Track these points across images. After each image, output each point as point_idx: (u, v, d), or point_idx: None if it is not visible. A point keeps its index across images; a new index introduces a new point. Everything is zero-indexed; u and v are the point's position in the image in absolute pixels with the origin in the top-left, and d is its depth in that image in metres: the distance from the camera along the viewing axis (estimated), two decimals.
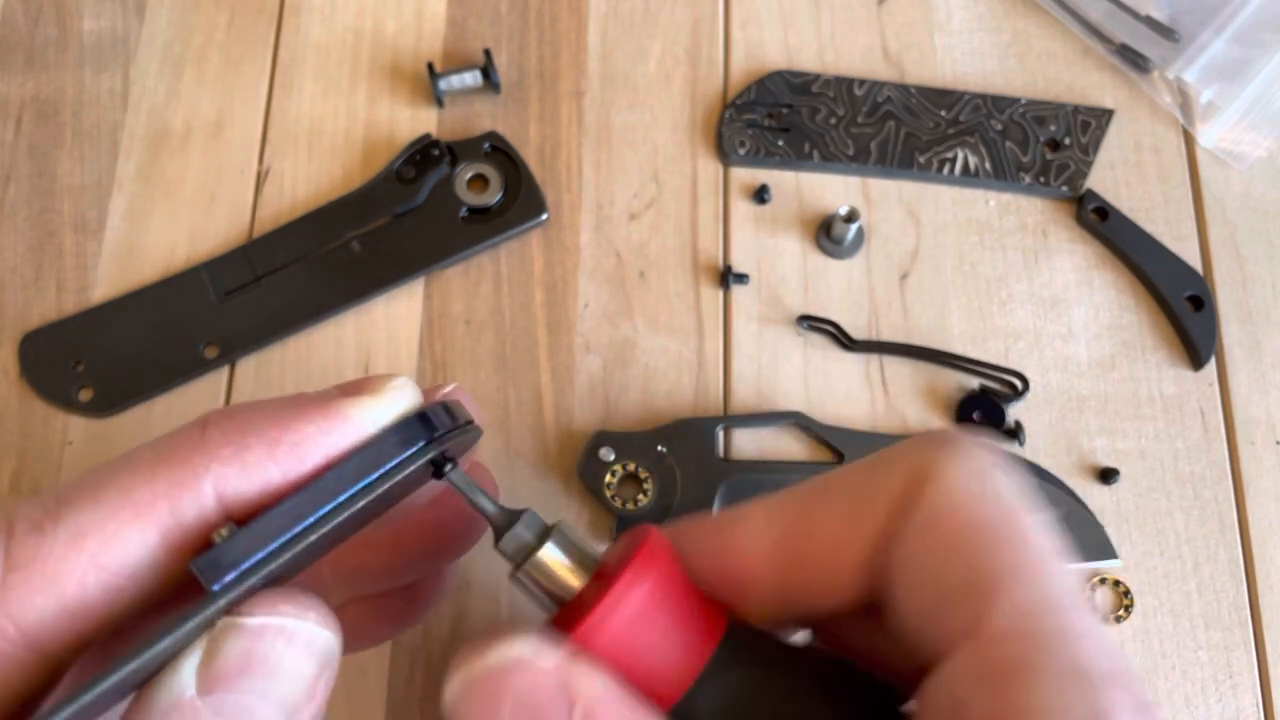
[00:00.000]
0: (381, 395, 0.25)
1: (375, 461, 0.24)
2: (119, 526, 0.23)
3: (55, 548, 0.22)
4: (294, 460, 0.24)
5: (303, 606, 0.23)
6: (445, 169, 0.47)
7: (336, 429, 0.24)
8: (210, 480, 0.23)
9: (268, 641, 0.22)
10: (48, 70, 0.50)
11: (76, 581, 0.22)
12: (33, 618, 0.22)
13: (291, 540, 0.22)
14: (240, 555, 0.22)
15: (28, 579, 0.22)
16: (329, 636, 0.24)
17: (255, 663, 0.22)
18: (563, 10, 0.51)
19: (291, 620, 0.23)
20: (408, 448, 0.24)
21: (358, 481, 0.23)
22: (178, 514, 0.23)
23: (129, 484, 0.23)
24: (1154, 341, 0.46)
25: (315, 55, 0.51)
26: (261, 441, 0.24)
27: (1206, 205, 0.48)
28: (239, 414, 0.24)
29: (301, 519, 0.23)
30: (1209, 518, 0.44)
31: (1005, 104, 0.49)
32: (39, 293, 0.46)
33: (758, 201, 0.48)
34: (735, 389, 0.45)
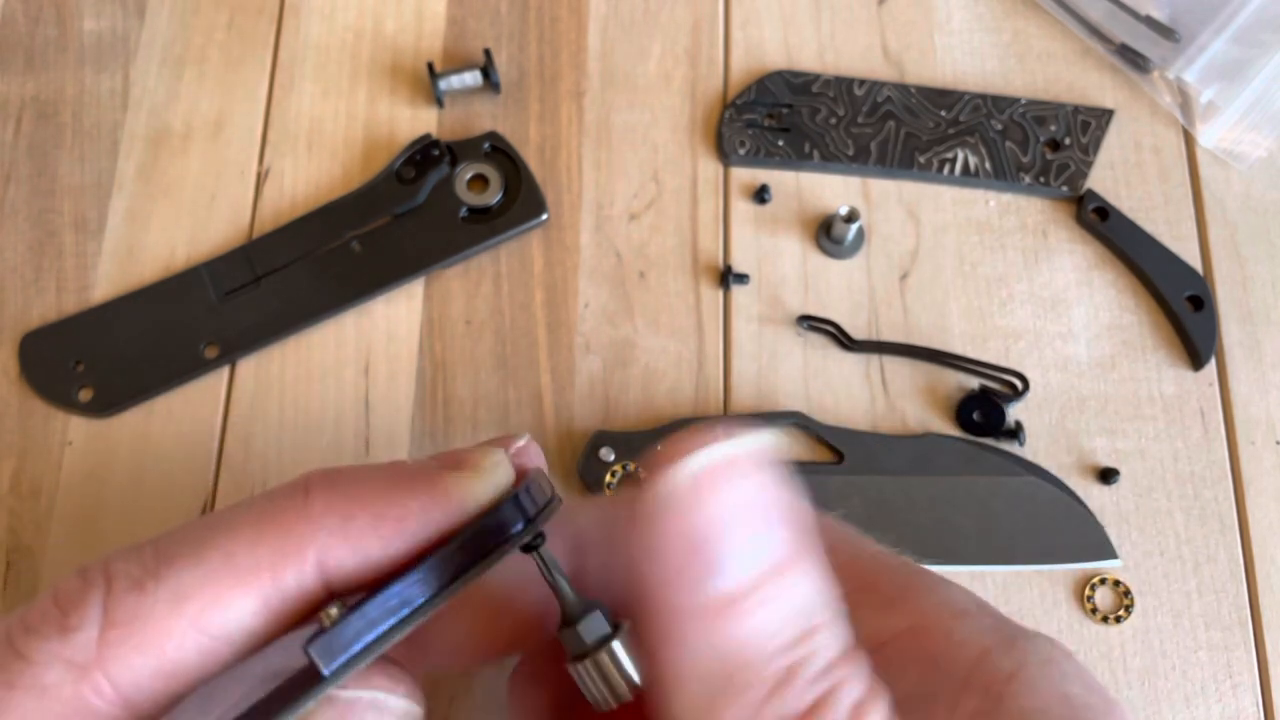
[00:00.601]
0: (481, 472, 0.25)
1: (479, 546, 0.24)
2: (222, 591, 0.22)
3: (156, 608, 0.22)
4: (397, 536, 0.24)
5: (394, 680, 0.23)
6: (445, 169, 0.47)
7: (439, 506, 0.24)
8: (314, 551, 0.23)
9: (358, 714, 0.23)
10: (48, 70, 0.50)
11: (176, 645, 0.22)
12: (129, 679, 0.22)
13: (398, 625, 0.23)
14: (352, 640, 0.22)
15: (127, 639, 0.22)
16: (415, 710, 0.24)
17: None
18: (563, 10, 0.51)
19: (384, 694, 0.23)
20: (508, 529, 0.25)
21: (463, 566, 0.24)
22: (279, 582, 0.23)
23: (232, 547, 0.23)
24: (1154, 341, 0.46)
25: (315, 55, 0.51)
26: (366, 514, 0.24)
27: (1206, 205, 0.48)
28: (342, 483, 0.24)
29: (408, 604, 0.23)
30: (1209, 518, 0.44)
31: (1005, 104, 0.49)
32: (39, 293, 0.46)
33: (758, 201, 0.48)
34: (735, 389, 0.45)
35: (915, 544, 0.43)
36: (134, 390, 0.45)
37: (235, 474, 0.44)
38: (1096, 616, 0.42)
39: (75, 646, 0.22)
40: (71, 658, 0.22)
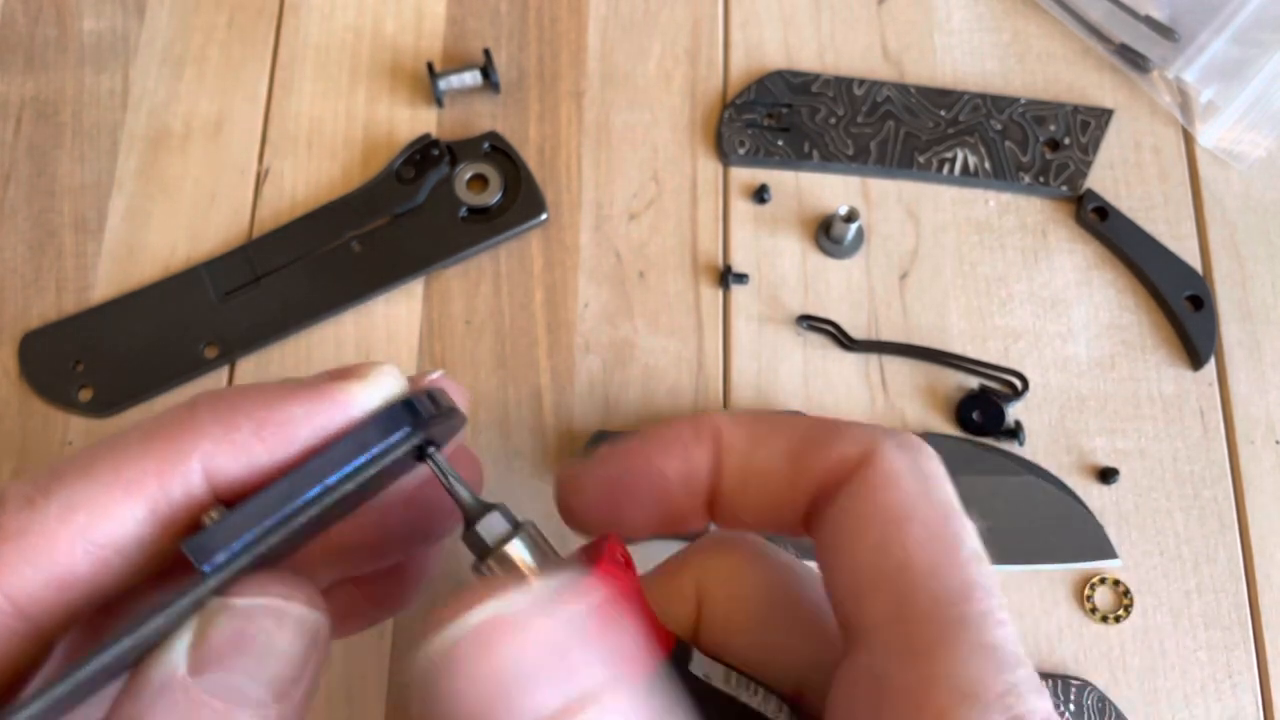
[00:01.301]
0: (368, 380, 0.25)
1: (361, 446, 0.24)
2: (109, 501, 0.23)
3: (47, 521, 0.23)
4: (281, 441, 0.24)
5: (291, 587, 0.24)
6: (445, 169, 0.47)
7: (323, 411, 0.24)
8: (198, 458, 0.24)
9: (257, 622, 0.23)
10: (48, 70, 0.50)
11: (66, 553, 0.23)
12: (23, 589, 0.23)
13: (280, 523, 0.23)
14: (230, 537, 0.22)
15: (18, 550, 0.23)
16: (317, 617, 0.24)
17: (245, 643, 0.23)
18: (562, 10, 0.51)
19: (280, 601, 0.23)
20: (393, 433, 0.24)
21: (344, 465, 0.24)
22: (166, 491, 0.23)
23: (119, 461, 0.23)
24: (1154, 341, 0.46)
25: (315, 55, 0.51)
26: (250, 421, 0.24)
27: (1206, 205, 0.48)
28: (228, 396, 0.25)
29: (290, 501, 0.23)
30: (1209, 517, 0.44)
31: (1005, 104, 0.49)
32: (39, 293, 0.46)
33: (757, 201, 0.48)
34: (735, 388, 0.45)
35: None
36: (134, 390, 0.45)
37: None
38: (1096, 616, 0.42)
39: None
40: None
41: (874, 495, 0.24)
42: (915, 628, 0.23)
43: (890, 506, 0.24)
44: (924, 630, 0.23)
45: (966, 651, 0.22)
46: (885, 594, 0.23)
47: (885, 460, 0.25)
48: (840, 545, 0.25)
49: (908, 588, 0.23)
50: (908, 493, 0.25)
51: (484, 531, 0.26)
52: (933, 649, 0.22)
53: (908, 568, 0.23)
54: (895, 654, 0.23)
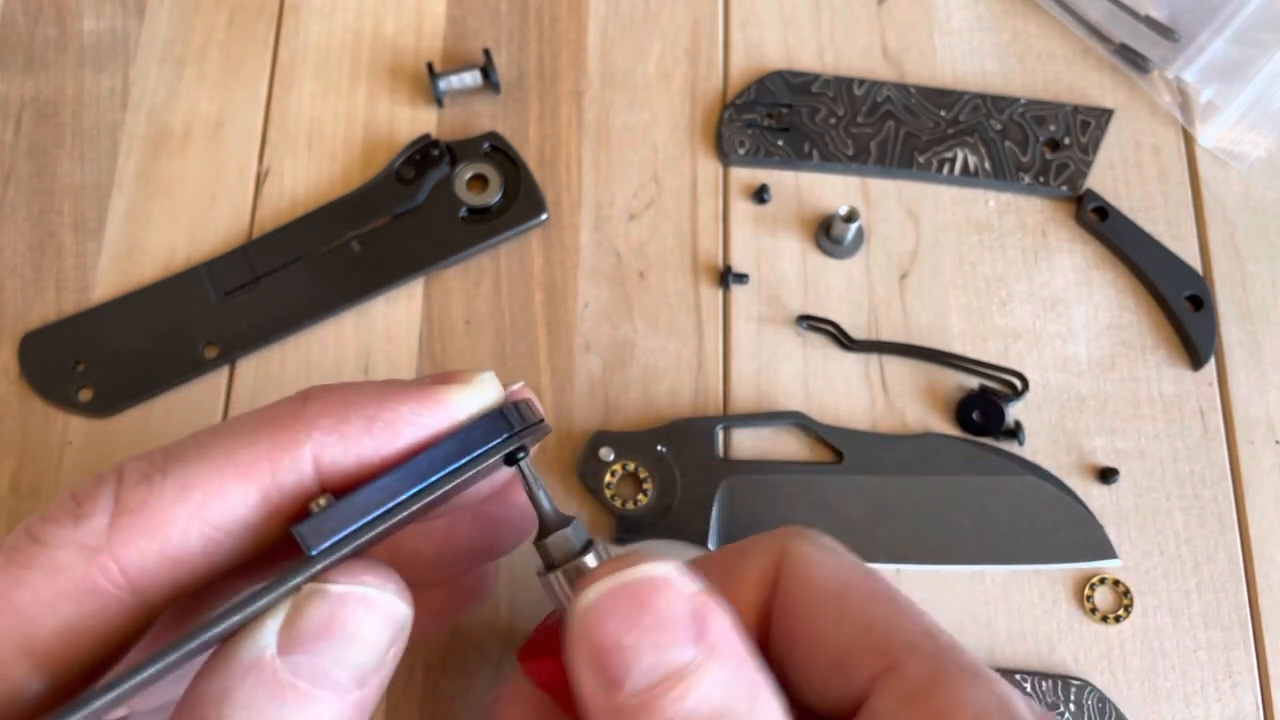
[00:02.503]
0: (471, 386, 0.27)
1: (464, 448, 0.25)
2: (223, 483, 0.24)
3: (163, 498, 0.24)
4: (388, 436, 0.25)
5: (384, 578, 0.25)
6: (445, 169, 0.47)
7: (429, 412, 0.26)
8: (310, 447, 0.25)
9: (349, 608, 0.24)
10: (47, 70, 0.50)
11: (180, 531, 0.24)
12: (136, 562, 0.23)
13: (385, 514, 0.24)
14: (339, 524, 0.23)
15: (135, 525, 0.23)
16: (405, 609, 0.25)
17: (335, 628, 0.23)
18: (562, 10, 0.51)
19: (374, 590, 0.24)
20: (493, 438, 0.26)
21: (447, 465, 0.25)
22: (277, 477, 0.24)
23: (234, 444, 0.24)
24: (1154, 341, 0.46)
25: (315, 55, 0.51)
26: (360, 416, 0.25)
27: (1206, 205, 0.48)
28: (339, 390, 0.26)
29: (395, 495, 0.24)
30: (1209, 517, 0.44)
31: (1005, 104, 0.49)
32: (39, 293, 0.46)
33: (757, 201, 0.48)
34: (735, 389, 0.45)
35: (915, 544, 0.43)
36: (134, 390, 0.45)
37: None
38: (1096, 616, 0.42)
39: (87, 531, 0.23)
40: (83, 541, 0.23)
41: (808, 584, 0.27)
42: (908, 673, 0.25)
43: (828, 585, 0.28)
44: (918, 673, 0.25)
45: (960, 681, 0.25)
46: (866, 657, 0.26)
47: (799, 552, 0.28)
48: (800, 634, 0.27)
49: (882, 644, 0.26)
50: (833, 569, 0.28)
51: (560, 542, 0.27)
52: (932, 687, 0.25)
53: (871, 628, 0.26)
54: (903, 700, 0.25)
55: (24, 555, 0.23)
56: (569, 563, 0.27)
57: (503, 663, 0.41)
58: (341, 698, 0.23)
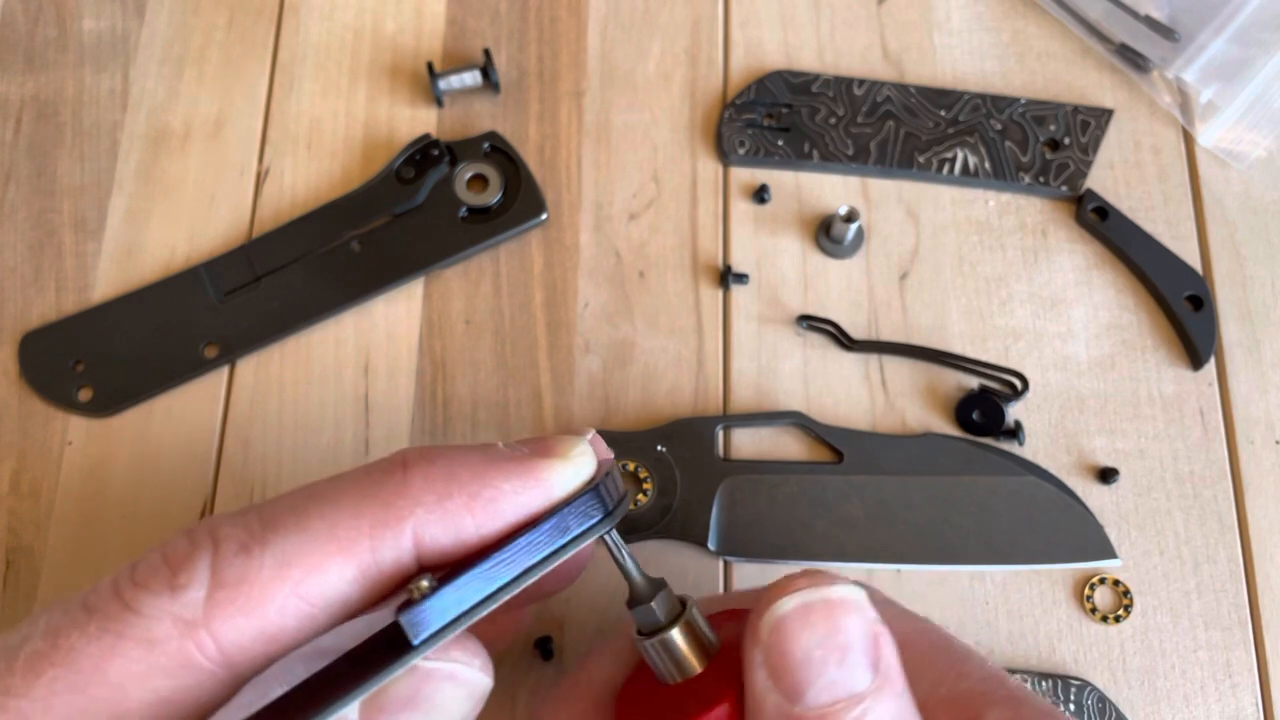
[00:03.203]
0: (570, 460, 0.27)
1: (562, 531, 0.26)
2: (323, 559, 0.23)
3: (262, 572, 0.23)
4: (489, 516, 0.25)
5: (472, 653, 0.25)
6: (445, 169, 0.47)
7: (529, 490, 0.26)
8: (411, 524, 0.24)
9: (435, 684, 0.24)
10: (47, 70, 0.50)
11: (278, 609, 0.23)
12: (233, 639, 0.23)
13: (485, 601, 0.24)
14: (443, 613, 0.23)
15: (234, 599, 0.23)
16: (487, 681, 0.25)
17: (420, 701, 0.23)
18: (562, 10, 0.51)
19: (462, 667, 0.24)
20: (588, 519, 0.26)
21: (545, 548, 0.25)
22: (378, 554, 0.24)
23: (335, 517, 0.24)
24: (1154, 341, 0.46)
25: (315, 55, 0.51)
26: (462, 494, 0.25)
27: (1206, 205, 0.48)
28: (440, 461, 0.25)
29: (495, 581, 0.24)
30: (1208, 517, 0.44)
31: (1005, 104, 0.49)
32: (39, 293, 0.46)
33: (757, 201, 0.48)
34: (735, 389, 0.45)
35: (915, 544, 0.43)
36: (134, 390, 0.45)
37: (235, 474, 0.44)
38: (1096, 616, 0.42)
39: (184, 604, 0.22)
40: (180, 614, 0.22)
41: None
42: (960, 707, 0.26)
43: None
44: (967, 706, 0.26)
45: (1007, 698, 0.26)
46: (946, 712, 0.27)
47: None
48: None
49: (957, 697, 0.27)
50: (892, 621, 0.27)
51: (651, 613, 0.28)
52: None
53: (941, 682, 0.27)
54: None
55: (117, 624, 0.22)
56: (658, 634, 0.27)
57: (502, 663, 0.41)
58: None
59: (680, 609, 0.28)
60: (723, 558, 0.43)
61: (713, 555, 0.43)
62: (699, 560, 0.43)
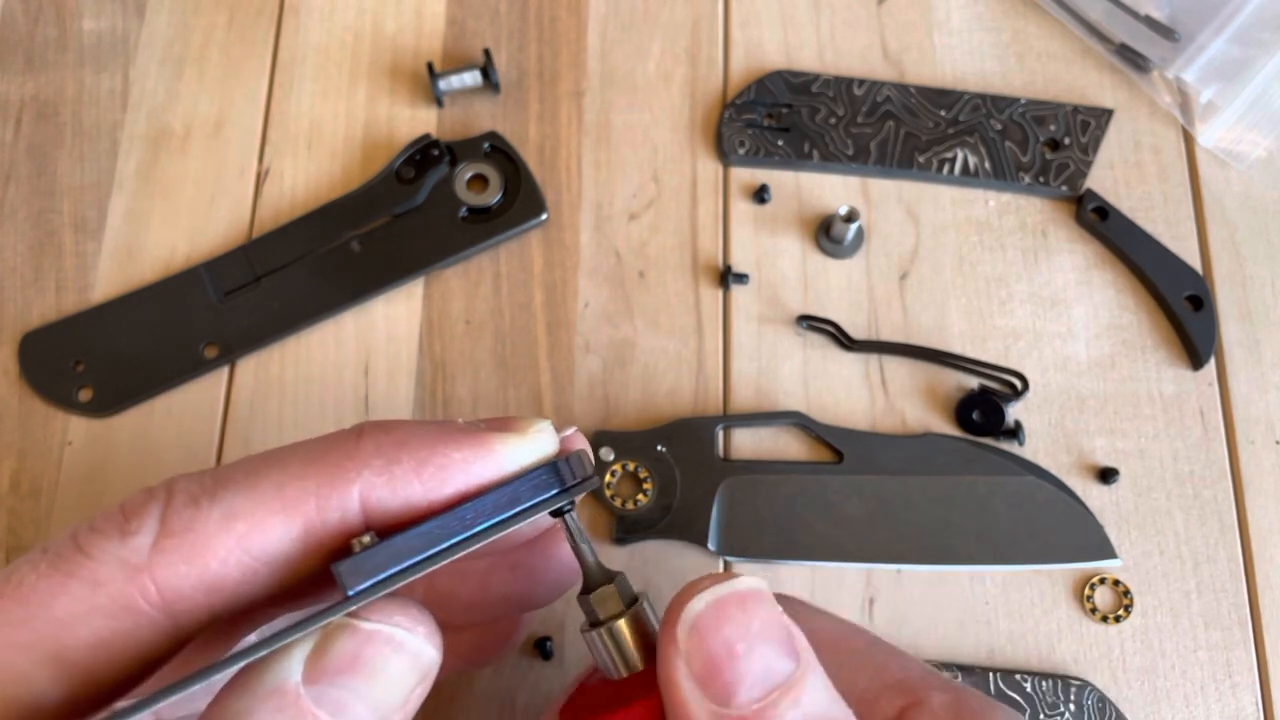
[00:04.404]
0: (526, 436, 0.27)
1: (512, 501, 0.25)
2: (268, 515, 0.24)
3: (209, 524, 0.24)
4: (437, 482, 0.25)
5: (416, 620, 0.24)
6: (445, 169, 0.47)
7: (481, 460, 0.26)
8: (359, 487, 0.25)
9: (376, 647, 0.24)
10: (48, 70, 0.50)
11: (220, 559, 0.24)
12: (174, 585, 0.23)
13: (425, 560, 0.24)
14: (379, 566, 0.23)
15: (177, 547, 0.24)
16: (433, 654, 0.25)
17: (361, 664, 0.23)
18: (562, 10, 0.51)
19: (403, 632, 0.24)
20: (541, 493, 0.26)
21: (493, 517, 0.25)
22: (323, 513, 0.24)
23: (282, 478, 0.25)
24: (1153, 341, 0.46)
25: (315, 55, 0.51)
26: (412, 459, 0.25)
27: (1206, 205, 0.48)
28: (392, 430, 0.26)
29: (438, 542, 0.24)
30: (1208, 517, 0.44)
31: (1005, 104, 0.49)
32: (39, 293, 0.46)
33: (757, 201, 0.48)
34: (735, 389, 0.45)
35: (915, 544, 0.43)
36: (134, 390, 0.45)
37: None
38: (1096, 616, 0.42)
39: (131, 549, 0.23)
40: (126, 558, 0.23)
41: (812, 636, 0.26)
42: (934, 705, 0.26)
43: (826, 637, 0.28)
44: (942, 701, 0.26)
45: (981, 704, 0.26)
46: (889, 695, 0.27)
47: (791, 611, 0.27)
48: None
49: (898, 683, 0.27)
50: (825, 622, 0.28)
51: (603, 599, 0.27)
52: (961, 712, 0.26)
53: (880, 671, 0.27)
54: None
55: (67, 564, 0.23)
56: (606, 624, 0.27)
57: (502, 663, 0.41)
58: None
59: (632, 602, 0.27)
60: (723, 558, 0.43)
61: (713, 555, 0.43)
62: (699, 560, 0.43)
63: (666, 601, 0.28)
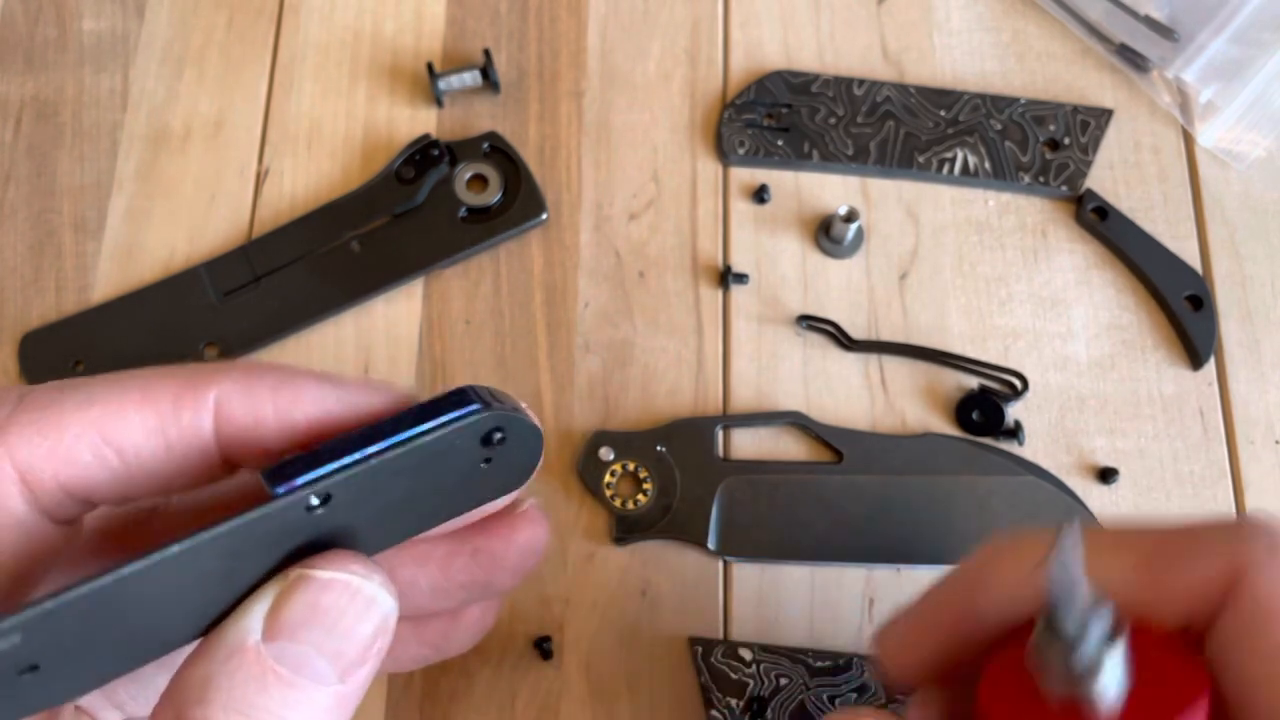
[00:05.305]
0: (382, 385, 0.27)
1: (432, 413, 0.25)
2: (124, 403, 0.25)
3: (64, 405, 0.25)
4: (289, 401, 0.26)
5: (369, 569, 0.25)
6: (445, 169, 0.47)
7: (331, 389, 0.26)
8: (214, 393, 0.25)
9: (334, 595, 0.24)
10: (47, 70, 0.50)
11: (74, 437, 0.24)
12: (25, 455, 0.24)
13: (348, 466, 0.24)
14: (303, 473, 0.24)
15: (33, 421, 0.24)
16: (390, 602, 0.25)
17: (319, 615, 0.24)
18: (562, 10, 0.51)
19: (359, 579, 0.24)
20: (462, 407, 0.25)
21: (412, 428, 0.25)
22: (177, 412, 0.25)
23: (145, 378, 0.26)
24: (1153, 341, 0.46)
25: (314, 55, 0.51)
26: (270, 379, 0.26)
27: (1205, 205, 0.48)
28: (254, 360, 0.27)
29: (359, 449, 0.24)
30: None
31: (1004, 104, 0.49)
32: (39, 293, 0.46)
33: (757, 201, 0.48)
34: (734, 389, 0.45)
35: (915, 544, 0.43)
36: None
37: None
38: None
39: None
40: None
41: (1251, 623, 0.23)
42: None
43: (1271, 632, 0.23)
44: None
45: None
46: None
47: (1260, 584, 0.24)
48: (1228, 673, 0.24)
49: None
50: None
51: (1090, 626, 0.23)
52: None
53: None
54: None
55: None
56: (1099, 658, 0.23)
57: (502, 663, 0.41)
58: (323, 689, 0.23)
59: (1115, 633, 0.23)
60: (722, 558, 0.43)
61: (712, 555, 0.43)
62: (699, 560, 0.43)
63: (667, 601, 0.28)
